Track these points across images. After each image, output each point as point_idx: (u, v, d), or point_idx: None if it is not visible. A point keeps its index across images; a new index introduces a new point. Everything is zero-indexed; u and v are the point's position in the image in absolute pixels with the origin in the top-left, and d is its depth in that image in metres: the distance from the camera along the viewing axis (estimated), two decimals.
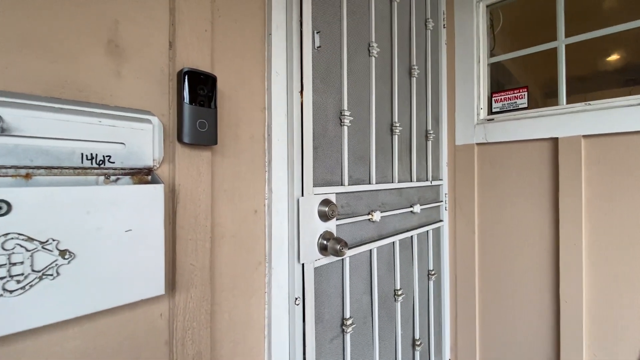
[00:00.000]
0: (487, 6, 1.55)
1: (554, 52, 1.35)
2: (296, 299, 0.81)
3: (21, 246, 0.41)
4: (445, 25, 1.57)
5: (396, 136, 1.19)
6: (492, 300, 1.46)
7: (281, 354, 0.80)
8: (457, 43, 1.58)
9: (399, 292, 1.18)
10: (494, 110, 1.52)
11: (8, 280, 0.41)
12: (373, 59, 1.08)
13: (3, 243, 0.40)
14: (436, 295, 1.45)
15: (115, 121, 0.54)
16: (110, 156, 0.53)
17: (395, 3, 1.21)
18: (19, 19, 0.47)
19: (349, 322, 0.95)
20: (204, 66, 0.66)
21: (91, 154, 0.51)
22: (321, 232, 0.86)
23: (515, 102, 1.47)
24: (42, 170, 0.48)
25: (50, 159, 0.48)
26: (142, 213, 0.52)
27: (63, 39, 0.51)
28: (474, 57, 1.52)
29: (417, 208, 1.27)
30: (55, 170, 0.49)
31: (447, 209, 1.53)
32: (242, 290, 0.75)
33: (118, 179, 0.55)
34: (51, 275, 0.43)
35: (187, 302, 0.63)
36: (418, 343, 1.29)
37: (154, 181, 0.57)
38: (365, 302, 1.04)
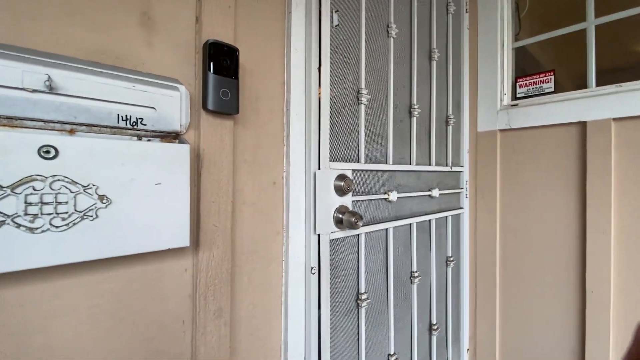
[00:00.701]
0: None
1: (582, 35, 1.30)
2: (312, 268, 0.84)
3: (66, 187, 0.47)
4: (467, 10, 1.54)
5: (415, 118, 1.19)
6: (514, 290, 1.42)
7: (297, 319, 0.83)
8: (480, 28, 1.54)
9: (416, 274, 1.18)
10: (518, 95, 1.48)
11: (54, 217, 0.46)
12: (392, 40, 1.09)
13: (51, 183, 0.46)
14: (455, 282, 1.43)
15: (147, 87, 0.59)
16: (142, 119, 0.58)
17: None
18: None
19: (363, 296, 0.96)
20: (227, 39, 0.70)
21: (126, 115, 0.56)
22: (337, 205, 0.89)
23: (541, 87, 1.42)
24: (83, 127, 0.53)
25: (90, 117, 0.53)
26: (170, 169, 0.57)
27: (103, 9, 0.56)
28: (497, 41, 1.48)
29: (435, 192, 1.26)
30: (95, 127, 0.54)
31: (467, 196, 1.51)
32: (261, 256, 0.79)
33: (149, 140, 0.60)
34: (91, 216, 0.48)
35: (210, 260, 0.67)
36: (435, 328, 1.29)
37: (182, 143, 0.61)
38: (381, 280, 1.06)
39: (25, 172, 0.44)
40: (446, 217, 1.38)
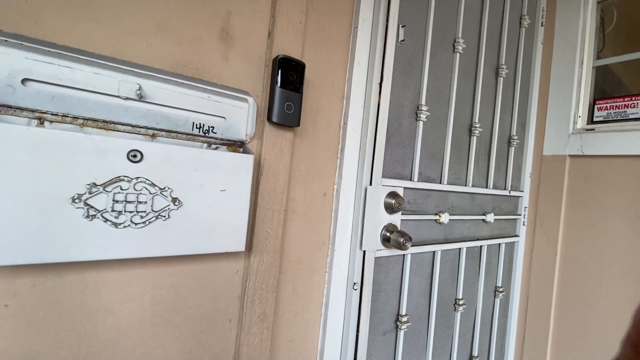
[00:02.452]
0: (598, 2, 1.37)
1: None
2: (354, 283, 0.83)
3: (146, 189, 0.51)
4: (543, 23, 1.43)
5: (475, 138, 1.13)
6: (571, 334, 1.28)
7: (335, 333, 0.83)
8: (557, 43, 1.42)
9: (460, 302, 1.12)
10: (595, 119, 1.34)
11: (134, 215, 0.51)
12: (457, 55, 1.05)
13: (135, 184, 0.51)
14: (501, 315, 1.33)
15: (220, 97, 0.63)
16: (213, 127, 0.62)
17: None
18: (157, 9, 0.58)
19: (404, 318, 0.94)
20: (295, 55, 0.72)
21: (200, 124, 0.61)
22: (385, 223, 0.87)
23: (625, 112, 1.27)
24: (163, 133, 0.58)
25: (170, 123, 0.58)
26: (235, 177, 0.60)
27: (190, 25, 0.61)
28: (576, 58, 1.35)
29: (490, 217, 1.19)
30: (173, 134, 0.59)
31: (525, 223, 1.39)
32: (306, 266, 0.80)
33: (217, 147, 0.64)
34: (164, 216, 0.53)
35: (260, 265, 0.70)
36: None
37: (246, 153, 0.65)
38: (423, 303, 1.02)
39: (116, 173, 0.49)
40: (499, 244, 1.29)
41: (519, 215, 1.37)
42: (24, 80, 0.46)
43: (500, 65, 1.22)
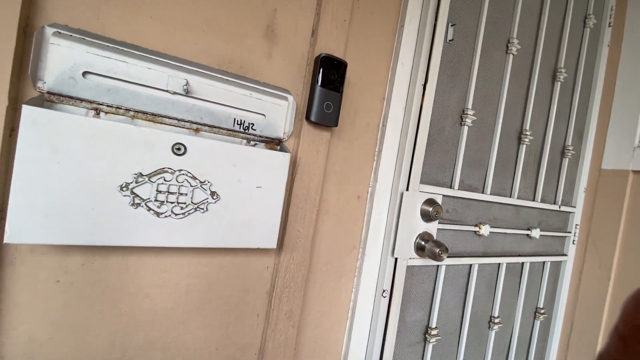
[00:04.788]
0: None
1: None
2: (384, 291, 0.81)
3: (187, 181, 0.53)
4: (611, 24, 1.29)
5: (524, 146, 1.05)
6: None
7: (360, 339, 0.81)
8: (625, 46, 1.28)
9: (496, 320, 1.05)
10: None
11: (175, 205, 0.53)
12: (510, 56, 0.97)
13: (177, 176, 0.52)
14: (541, 339, 1.24)
15: (261, 95, 0.63)
16: (253, 124, 0.63)
17: None
18: (207, 6, 0.60)
19: (433, 332, 0.89)
20: (338, 53, 0.71)
21: (241, 120, 0.62)
22: (420, 231, 0.83)
23: None
24: (206, 127, 0.59)
25: (213, 119, 0.59)
26: (271, 175, 0.60)
27: (237, 23, 0.62)
28: None
29: (535, 232, 1.10)
30: (215, 129, 0.60)
31: (575, 242, 1.28)
32: (335, 268, 0.79)
33: (256, 144, 0.64)
34: (202, 209, 0.54)
35: (289, 263, 0.70)
36: None
37: (283, 150, 0.65)
38: (455, 318, 0.97)
39: (160, 164, 0.51)
40: (544, 262, 1.19)
41: (569, 232, 1.26)
42: (84, 73, 0.50)
43: (558, 69, 1.12)
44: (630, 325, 0.28)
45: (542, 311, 1.20)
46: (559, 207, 1.19)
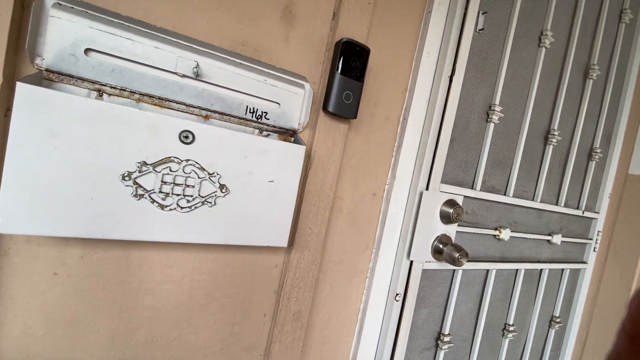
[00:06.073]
0: None
1: None
2: (397, 294, 0.77)
3: (195, 172, 0.49)
4: None
5: (551, 147, 0.98)
6: None
7: (370, 342, 0.77)
8: None
9: (511, 328, 1.00)
10: None
11: (181, 198, 0.49)
12: (543, 50, 0.91)
13: (184, 167, 0.48)
14: (555, 348, 1.19)
15: (276, 82, 0.58)
16: (267, 113, 0.58)
17: None
18: None
19: (446, 338, 0.85)
20: (360, 39, 0.66)
21: (254, 108, 0.57)
22: (439, 234, 0.79)
23: None
24: (216, 115, 0.55)
25: (224, 105, 0.55)
26: (284, 168, 0.56)
27: (250, 2, 0.57)
28: None
29: (556, 238, 1.04)
30: (226, 116, 0.56)
31: (596, 249, 1.22)
32: (346, 268, 0.75)
33: (268, 134, 0.60)
34: (210, 202, 0.50)
35: (300, 262, 0.66)
36: None
37: (297, 142, 0.60)
38: (469, 324, 0.92)
39: (166, 153, 0.47)
40: (562, 269, 1.14)
41: (590, 239, 1.20)
42: (86, 50, 0.45)
43: (591, 66, 1.05)
44: None
45: (558, 319, 1.15)
46: (582, 212, 1.13)
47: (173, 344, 0.58)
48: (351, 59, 0.63)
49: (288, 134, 0.62)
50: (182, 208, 0.49)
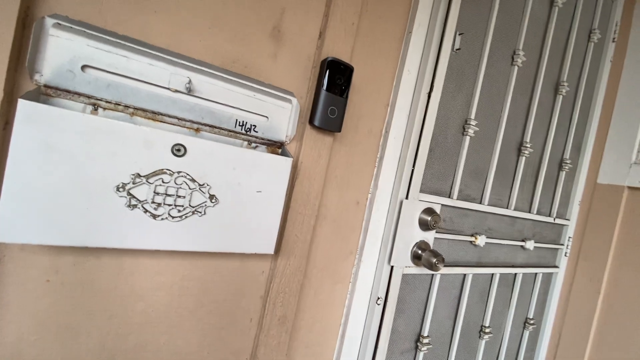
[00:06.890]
0: None
1: None
2: (378, 298, 0.80)
3: (186, 184, 0.52)
4: (615, 39, 1.29)
5: (523, 158, 1.05)
6: None
7: (352, 345, 0.81)
8: (628, 61, 1.29)
9: (487, 330, 1.05)
10: None
11: (172, 208, 0.51)
12: (516, 68, 0.97)
13: (176, 178, 0.51)
14: (529, 349, 1.25)
15: (265, 97, 0.62)
16: (255, 126, 0.62)
17: (557, 7, 1.05)
18: (211, 3, 0.58)
19: (425, 340, 0.90)
20: (344, 57, 0.70)
21: (243, 121, 0.60)
22: (417, 240, 0.83)
23: None
24: (207, 128, 0.58)
25: (214, 119, 0.58)
26: (272, 179, 0.59)
27: (243, 22, 0.61)
28: None
29: (529, 244, 1.11)
30: (216, 129, 0.59)
31: (567, 255, 1.29)
32: (330, 274, 0.79)
33: (257, 146, 0.63)
34: (200, 212, 0.53)
35: (285, 268, 0.69)
36: None
37: (284, 154, 0.64)
38: (447, 327, 0.97)
39: (159, 165, 0.50)
40: (536, 273, 1.20)
41: (562, 245, 1.27)
42: (83, 67, 0.48)
43: (560, 82, 1.12)
44: None
45: (532, 321, 1.21)
46: (554, 219, 1.20)
47: (162, 349, 0.60)
48: (336, 77, 0.67)
49: (276, 146, 0.65)
50: (173, 217, 0.52)
